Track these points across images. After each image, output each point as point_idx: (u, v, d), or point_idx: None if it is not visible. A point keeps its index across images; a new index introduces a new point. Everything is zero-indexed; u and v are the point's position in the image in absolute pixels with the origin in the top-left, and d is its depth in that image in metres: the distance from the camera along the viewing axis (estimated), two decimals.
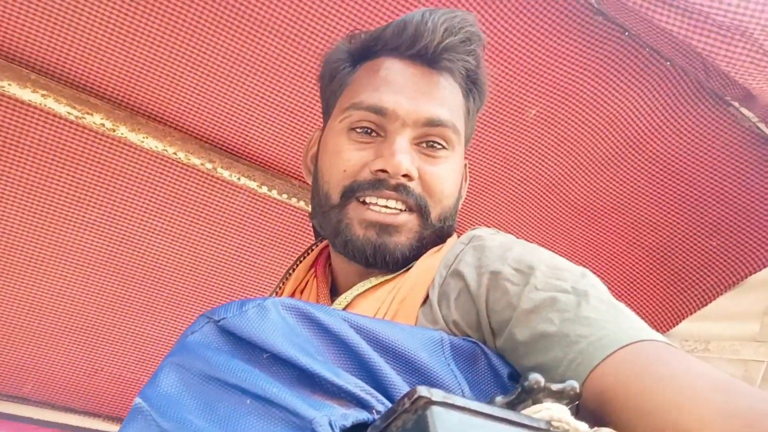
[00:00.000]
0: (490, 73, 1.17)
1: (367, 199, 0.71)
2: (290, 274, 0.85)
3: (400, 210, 0.72)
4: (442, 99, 0.74)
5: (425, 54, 0.74)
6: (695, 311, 1.48)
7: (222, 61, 1.17)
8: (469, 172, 1.42)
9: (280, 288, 0.85)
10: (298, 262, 0.86)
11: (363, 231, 0.71)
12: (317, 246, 0.88)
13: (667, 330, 1.50)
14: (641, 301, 1.53)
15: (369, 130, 0.73)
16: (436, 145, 0.74)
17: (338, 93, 0.79)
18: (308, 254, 0.87)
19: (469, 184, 1.43)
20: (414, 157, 0.72)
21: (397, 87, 0.73)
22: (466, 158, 0.85)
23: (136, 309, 1.49)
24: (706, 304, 1.46)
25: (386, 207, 0.71)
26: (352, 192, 0.72)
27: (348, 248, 0.72)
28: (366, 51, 0.78)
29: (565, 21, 1.15)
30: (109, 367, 1.57)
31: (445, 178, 0.74)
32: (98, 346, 1.52)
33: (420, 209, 0.72)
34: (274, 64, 1.18)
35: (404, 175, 0.70)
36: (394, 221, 0.71)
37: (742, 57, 1.00)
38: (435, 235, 0.74)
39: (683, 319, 1.49)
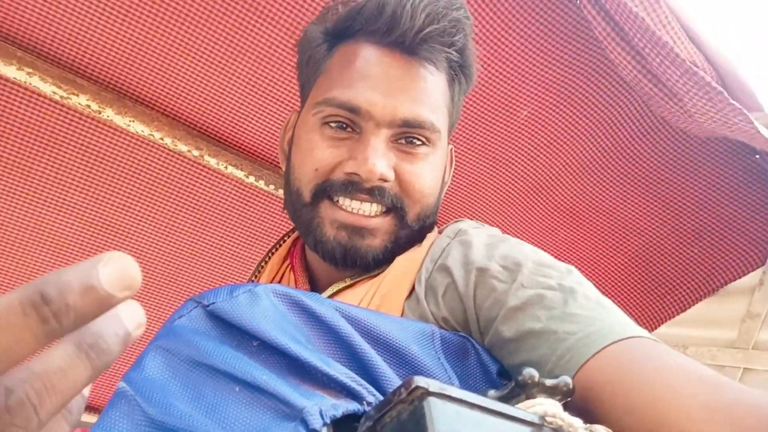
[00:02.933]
0: (480, 62, 1.16)
1: (340, 200, 0.69)
2: (264, 265, 0.83)
3: (375, 213, 0.68)
4: (422, 95, 0.69)
5: (403, 42, 0.68)
6: (674, 316, 1.49)
7: (214, 46, 1.15)
8: (456, 170, 1.43)
9: (254, 278, 0.83)
10: (271, 253, 0.84)
11: (334, 232, 0.68)
12: (290, 236, 0.85)
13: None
14: (621, 304, 1.55)
15: (343, 125, 0.69)
16: (415, 141, 0.70)
17: (313, 79, 0.75)
18: (281, 244, 0.84)
19: (455, 183, 1.44)
20: (390, 157, 0.68)
21: (371, 82, 0.68)
22: (451, 143, 0.82)
23: None
24: (685, 310, 1.47)
25: (360, 209, 0.68)
26: (324, 192, 0.69)
27: (318, 248, 0.70)
28: (342, 31, 0.73)
29: (559, 23, 1.15)
30: None
31: (424, 176, 0.70)
32: None
33: (396, 210, 0.69)
34: (267, 52, 1.17)
35: (379, 179, 0.67)
36: (367, 224, 0.68)
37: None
38: (412, 234, 0.72)
39: (662, 323, 1.51)
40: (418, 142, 0.70)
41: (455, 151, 1.34)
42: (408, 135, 0.69)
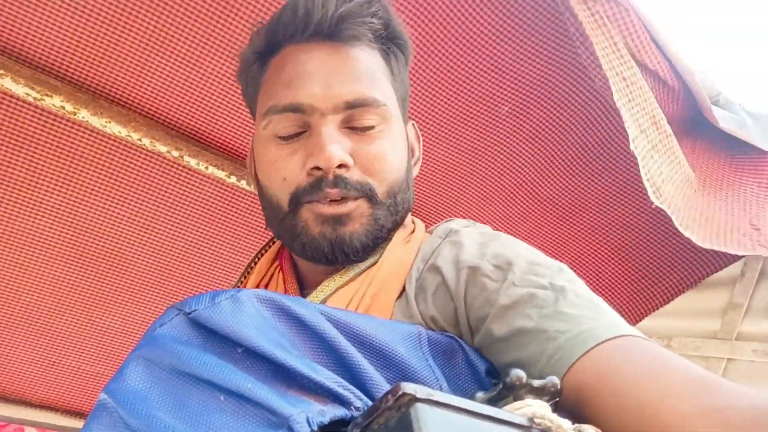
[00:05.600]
0: (449, 56, 1.15)
1: (313, 200, 0.68)
2: (252, 268, 0.82)
3: (345, 197, 0.68)
4: (356, 75, 0.70)
5: (322, 31, 0.70)
6: (658, 308, 1.51)
7: (191, 45, 1.13)
8: (440, 166, 1.42)
9: (242, 282, 0.82)
10: (259, 255, 0.83)
11: (319, 228, 0.68)
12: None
13: (632, 326, 1.53)
14: (605, 297, 1.55)
15: (295, 131, 0.70)
16: (365, 121, 0.70)
17: (255, 97, 0.77)
18: (270, 246, 0.84)
19: (440, 180, 1.44)
20: (345, 142, 0.68)
21: (305, 77, 0.69)
22: (411, 119, 0.82)
23: (96, 299, 1.44)
24: (669, 302, 1.49)
25: (333, 200, 0.68)
26: (298, 199, 0.69)
27: (306, 250, 0.69)
28: (269, 45, 0.74)
29: (539, 18, 1.15)
30: (66, 359, 1.52)
31: (384, 153, 0.70)
32: (56, 338, 1.47)
33: (366, 194, 0.69)
34: None
35: (340, 166, 0.67)
36: (344, 209, 0.68)
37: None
38: (389, 212, 0.71)
39: (646, 315, 1.53)
40: (369, 122, 0.70)
41: (439, 147, 1.34)
42: (356, 117, 0.70)
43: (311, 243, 0.68)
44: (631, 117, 1.02)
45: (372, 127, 0.70)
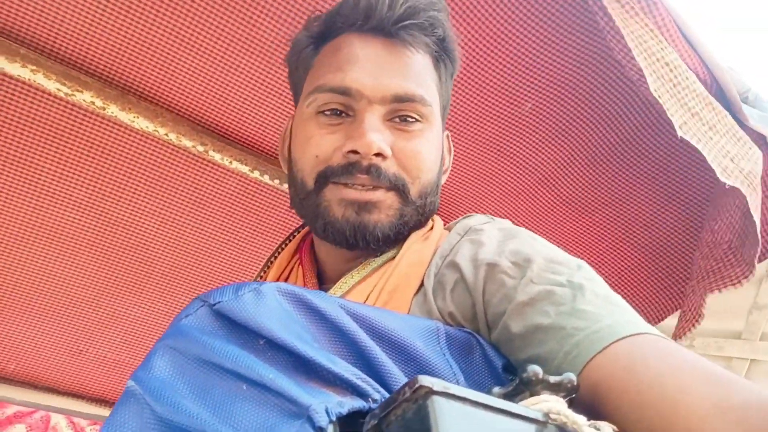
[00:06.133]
0: (473, 51, 1.15)
1: (342, 181, 0.69)
2: (272, 261, 0.83)
3: (376, 186, 0.69)
4: (408, 72, 0.71)
5: (382, 27, 0.71)
6: (681, 308, 1.49)
7: (217, 41, 1.15)
8: (462, 163, 1.42)
9: (263, 275, 0.83)
10: (280, 249, 0.84)
11: (342, 211, 0.68)
12: (299, 232, 0.86)
13: (653, 325, 1.51)
14: (628, 295, 1.55)
15: (338, 111, 0.71)
16: (408, 118, 0.71)
17: (303, 78, 0.78)
18: (290, 240, 0.85)
19: (462, 176, 1.44)
20: (386, 134, 0.69)
21: (358, 64, 0.70)
22: (448, 130, 0.84)
23: (121, 290, 1.47)
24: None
25: (362, 186, 0.68)
26: (326, 177, 0.70)
27: (327, 231, 0.70)
28: (326, 32, 0.76)
29: (564, 12, 1.14)
30: (93, 348, 1.56)
31: (422, 152, 0.71)
32: (83, 327, 1.51)
33: (397, 188, 0.69)
34: (270, 47, 1.17)
35: (377, 154, 0.68)
36: (372, 197, 0.68)
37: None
38: (416, 212, 0.72)
39: (669, 315, 1.51)
40: (412, 119, 0.71)
41: (461, 143, 1.34)
42: (401, 112, 0.71)
43: (333, 225, 0.69)
44: (678, 102, 0.97)
45: (414, 123, 0.71)
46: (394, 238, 0.70)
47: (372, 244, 0.69)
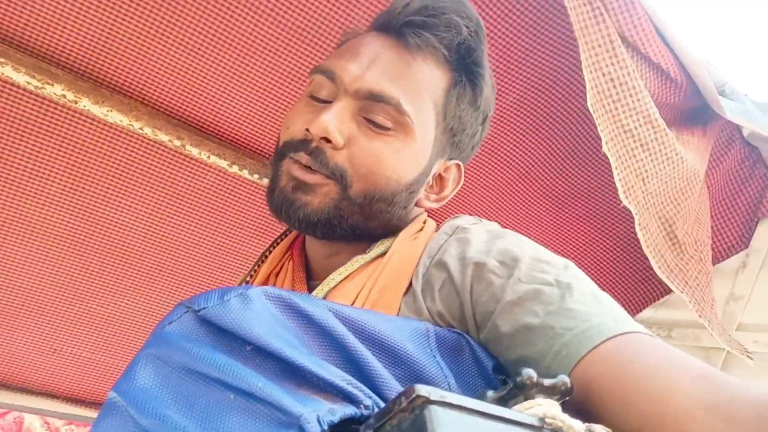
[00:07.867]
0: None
1: (293, 157, 0.69)
2: (266, 257, 0.82)
3: (315, 170, 0.67)
4: (399, 75, 0.68)
5: (390, 26, 0.71)
6: (659, 299, 1.51)
7: (193, 32, 1.12)
8: None
9: (255, 271, 0.83)
10: (274, 245, 0.83)
11: (284, 183, 0.69)
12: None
13: (632, 317, 1.53)
14: (607, 287, 1.56)
15: (326, 98, 0.70)
16: (378, 120, 0.67)
17: None
18: (285, 236, 0.84)
19: None
20: (349, 125, 0.67)
21: (353, 53, 0.70)
22: (458, 160, 0.79)
23: (97, 287, 1.44)
24: (670, 293, 1.49)
25: (305, 165, 0.68)
26: (284, 149, 0.70)
27: (269, 198, 0.71)
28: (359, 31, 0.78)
29: (539, 12, 1.14)
30: (68, 347, 1.52)
31: (381, 156, 0.67)
32: (58, 325, 1.47)
33: (336, 178, 0.67)
34: (248, 40, 1.14)
35: (325, 139, 0.66)
36: (308, 179, 0.67)
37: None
38: (358, 211, 0.69)
39: (647, 306, 1.53)
40: (382, 121, 0.68)
41: None
42: (372, 111, 0.68)
43: (272, 193, 0.70)
44: (611, 118, 1.02)
45: (384, 129, 0.68)
46: (323, 228, 0.68)
47: (295, 222, 0.68)
